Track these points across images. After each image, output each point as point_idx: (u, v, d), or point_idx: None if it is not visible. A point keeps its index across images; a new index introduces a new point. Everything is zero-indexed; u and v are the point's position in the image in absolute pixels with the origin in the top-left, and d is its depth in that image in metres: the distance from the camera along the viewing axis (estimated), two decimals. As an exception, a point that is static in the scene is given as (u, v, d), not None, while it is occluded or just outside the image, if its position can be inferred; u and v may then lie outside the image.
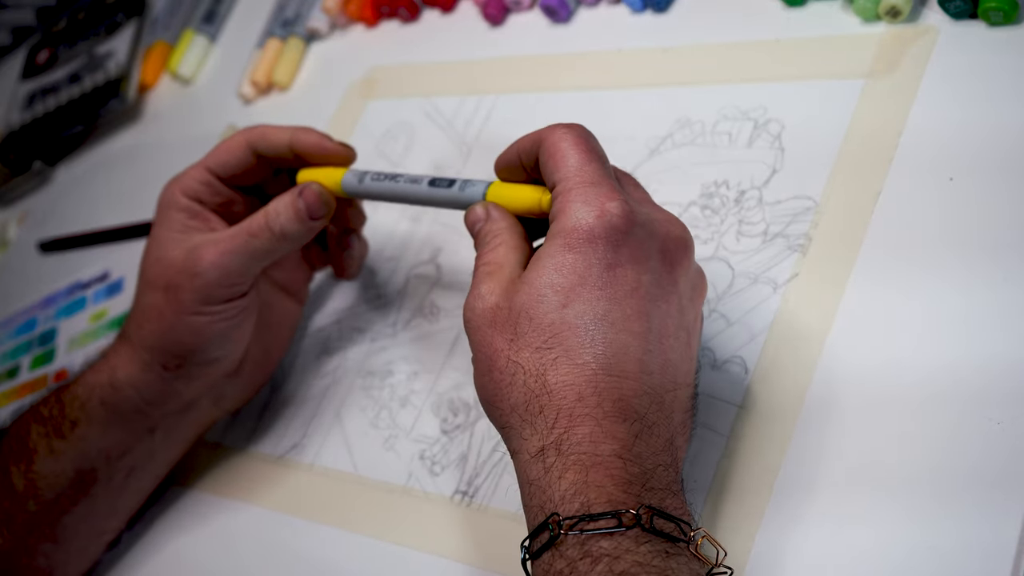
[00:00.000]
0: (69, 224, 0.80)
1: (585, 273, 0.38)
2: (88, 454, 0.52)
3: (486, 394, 0.40)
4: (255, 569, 0.53)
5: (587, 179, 0.40)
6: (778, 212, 0.48)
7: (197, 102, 0.80)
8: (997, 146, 0.45)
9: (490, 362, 0.39)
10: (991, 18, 0.48)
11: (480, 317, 0.40)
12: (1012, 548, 0.36)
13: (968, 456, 0.39)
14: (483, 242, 0.43)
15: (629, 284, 0.39)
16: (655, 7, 0.59)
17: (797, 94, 0.51)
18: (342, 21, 0.74)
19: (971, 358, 0.41)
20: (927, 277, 0.43)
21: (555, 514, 0.35)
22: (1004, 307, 0.41)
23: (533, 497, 0.37)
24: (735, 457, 0.43)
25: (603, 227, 0.39)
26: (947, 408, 0.40)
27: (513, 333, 0.39)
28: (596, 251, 0.39)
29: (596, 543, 0.35)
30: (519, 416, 0.38)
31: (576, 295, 0.38)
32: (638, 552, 0.34)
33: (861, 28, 0.52)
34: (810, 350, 0.44)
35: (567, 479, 0.36)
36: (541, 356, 0.38)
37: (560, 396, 0.37)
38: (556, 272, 0.39)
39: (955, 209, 0.44)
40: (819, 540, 0.40)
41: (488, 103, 0.62)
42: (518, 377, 0.38)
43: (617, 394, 0.37)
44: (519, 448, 0.38)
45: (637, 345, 0.38)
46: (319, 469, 0.54)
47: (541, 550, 0.35)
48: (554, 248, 0.39)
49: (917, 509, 0.39)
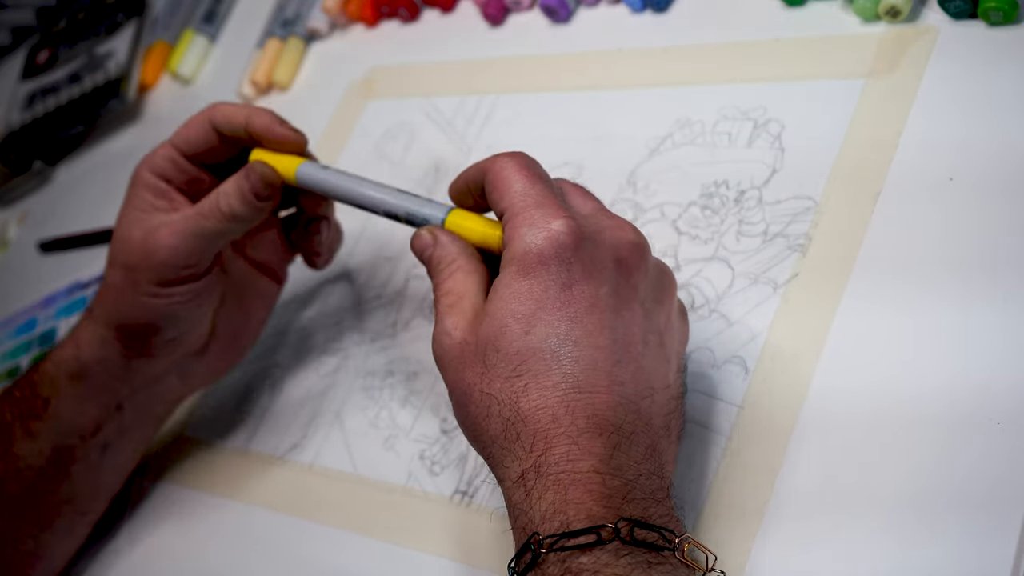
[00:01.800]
0: (69, 224, 0.80)
1: (542, 297, 0.39)
2: (63, 432, 0.52)
3: (467, 428, 0.40)
4: (255, 569, 0.52)
5: (532, 202, 0.40)
6: (778, 212, 0.48)
7: (197, 102, 0.79)
8: (997, 146, 0.45)
9: (465, 397, 0.39)
10: (991, 18, 0.48)
11: (449, 354, 0.40)
12: (1008, 567, 0.36)
13: (970, 457, 0.39)
14: (437, 270, 0.43)
15: (587, 300, 0.39)
16: (655, 7, 0.59)
17: (797, 94, 0.51)
18: (342, 21, 0.73)
19: (969, 360, 0.41)
20: (927, 278, 0.43)
21: (535, 534, 0.35)
22: (1004, 306, 0.41)
23: (517, 520, 0.37)
24: (735, 457, 0.43)
25: (552, 247, 0.39)
26: (949, 408, 0.40)
27: (483, 366, 0.39)
28: (549, 273, 0.39)
29: (576, 560, 0.35)
30: (499, 446, 0.38)
31: (537, 320, 0.38)
32: (618, 565, 0.34)
33: (861, 28, 0.51)
34: (810, 350, 0.44)
35: (546, 499, 0.36)
36: (511, 385, 0.38)
37: (534, 421, 0.37)
38: (515, 300, 0.39)
39: (955, 209, 0.44)
40: (820, 539, 0.40)
41: (488, 103, 0.62)
42: (493, 409, 0.38)
43: (590, 410, 0.37)
44: (503, 476, 0.38)
45: (604, 358, 0.38)
46: (319, 469, 0.54)
47: (525, 570, 0.36)
48: (509, 276, 0.39)
49: (916, 516, 0.38)
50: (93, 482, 0.54)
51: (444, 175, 0.60)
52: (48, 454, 0.52)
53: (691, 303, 0.48)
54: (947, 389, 0.40)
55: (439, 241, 0.43)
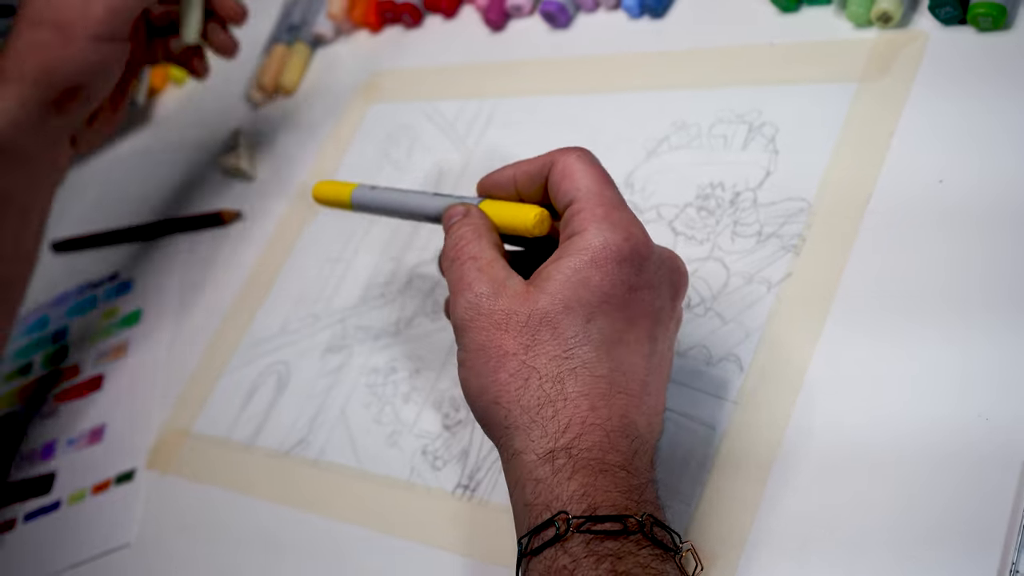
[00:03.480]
0: (80, 224, 0.80)
1: (610, 292, 0.39)
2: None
3: (490, 393, 0.39)
4: (261, 562, 0.52)
5: (609, 202, 0.40)
6: (772, 213, 0.48)
7: (204, 106, 0.80)
8: (987, 148, 0.45)
9: (498, 362, 0.39)
10: (980, 23, 0.48)
11: (487, 318, 0.40)
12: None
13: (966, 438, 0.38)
14: (460, 234, 0.43)
15: (644, 307, 0.40)
16: (652, 13, 0.59)
17: (791, 97, 0.51)
18: (347, 27, 0.73)
19: (965, 363, 0.41)
20: (918, 277, 0.43)
21: (563, 512, 0.36)
22: (992, 305, 0.41)
23: (539, 496, 0.37)
24: (730, 452, 0.43)
25: (630, 250, 0.39)
26: (940, 402, 0.40)
27: (531, 339, 0.39)
28: (622, 272, 0.39)
29: (601, 543, 0.35)
30: (530, 417, 0.38)
31: (600, 312, 0.39)
32: (639, 555, 0.35)
33: (853, 33, 0.51)
34: (804, 348, 0.44)
35: (576, 481, 0.36)
36: (559, 365, 0.38)
37: (575, 404, 0.38)
38: (583, 287, 0.39)
39: (946, 211, 0.44)
40: (815, 533, 0.40)
41: (489, 107, 0.62)
42: (532, 381, 0.38)
43: (623, 410, 0.38)
44: (523, 448, 0.38)
45: (642, 367, 0.39)
46: (324, 464, 0.54)
47: (543, 546, 0.36)
48: (580, 263, 0.39)
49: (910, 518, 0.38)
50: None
51: (446, 177, 0.60)
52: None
53: (687, 302, 0.48)
54: (938, 379, 0.40)
55: (471, 213, 0.44)
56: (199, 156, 0.75)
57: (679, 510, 0.43)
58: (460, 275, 0.41)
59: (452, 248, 0.42)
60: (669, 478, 0.44)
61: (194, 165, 0.76)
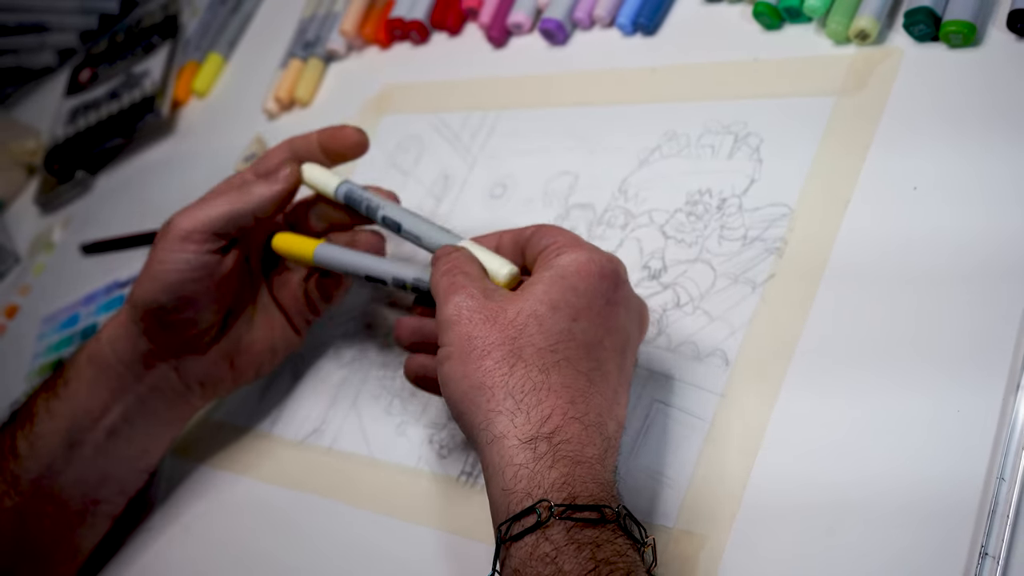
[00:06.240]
0: (108, 228, 0.80)
1: (593, 299, 0.40)
2: (76, 413, 0.51)
3: (474, 378, 0.39)
4: (277, 543, 0.53)
5: (585, 241, 0.43)
6: (757, 218, 0.48)
7: (225, 117, 0.80)
8: (957, 157, 0.45)
9: (484, 351, 0.39)
10: (952, 40, 0.48)
11: (476, 313, 0.40)
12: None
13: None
14: (454, 257, 0.44)
15: (619, 322, 0.41)
16: (644, 30, 0.59)
17: (774, 110, 0.51)
18: (358, 43, 0.74)
19: (937, 340, 0.41)
20: (895, 276, 0.43)
21: (545, 500, 0.35)
22: (969, 299, 0.41)
23: (519, 481, 0.36)
24: (717, 442, 0.43)
25: (611, 269, 0.42)
26: (920, 393, 0.40)
27: (518, 332, 0.39)
28: (602, 286, 0.41)
29: (581, 531, 0.35)
30: (515, 401, 0.38)
31: (583, 314, 0.40)
32: (616, 543, 0.35)
33: (833, 50, 0.51)
34: (786, 345, 0.44)
35: (557, 470, 0.36)
36: (544, 357, 0.39)
37: (558, 394, 0.38)
38: (569, 291, 0.40)
39: (919, 215, 0.44)
40: (797, 518, 0.40)
41: (492, 118, 0.62)
42: (518, 368, 0.38)
43: (599, 409, 0.39)
44: (506, 432, 0.37)
45: (615, 375, 0.41)
46: (337, 452, 0.54)
47: (524, 533, 0.35)
48: (566, 272, 0.41)
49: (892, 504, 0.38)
50: (100, 468, 0.53)
51: (451, 183, 0.61)
52: (62, 433, 0.51)
53: (677, 301, 0.48)
54: (923, 383, 0.41)
55: (462, 249, 0.45)
56: (219, 164, 0.76)
57: (670, 496, 0.43)
58: (451, 283, 0.42)
59: (445, 268, 0.43)
60: (660, 465, 0.44)
61: (214, 172, 0.76)
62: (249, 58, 0.83)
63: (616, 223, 0.52)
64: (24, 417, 0.52)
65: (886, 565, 0.37)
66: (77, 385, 0.52)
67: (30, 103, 1.00)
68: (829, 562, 0.38)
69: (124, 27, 0.93)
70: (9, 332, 0.81)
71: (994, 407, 0.38)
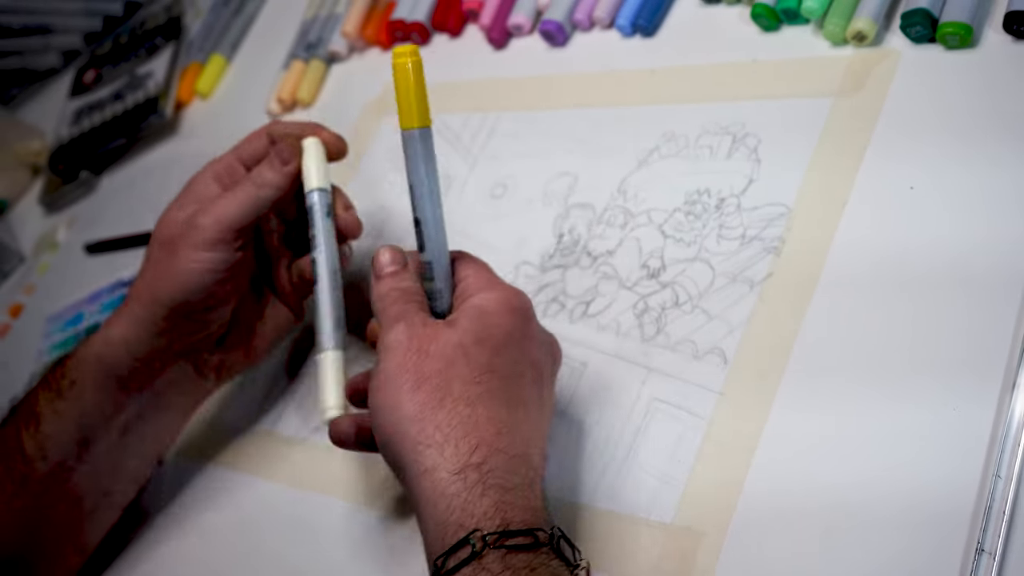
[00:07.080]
0: (113, 228, 0.80)
1: (510, 333, 0.42)
2: (86, 412, 0.51)
3: (406, 409, 0.39)
4: (279, 539, 0.52)
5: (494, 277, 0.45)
6: (755, 218, 0.48)
7: (228, 118, 0.80)
8: (954, 157, 0.45)
9: (416, 383, 0.39)
10: (948, 42, 0.48)
11: (415, 341, 0.41)
12: None
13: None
14: (402, 277, 0.45)
15: (535, 356, 0.42)
16: (643, 32, 0.59)
17: (772, 111, 0.51)
18: (360, 45, 0.73)
19: (938, 354, 0.41)
20: (892, 277, 0.43)
21: (477, 530, 0.36)
22: (961, 301, 0.41)
23: (452, 513, 0.37)
24: (715, 440, 0.43)
25: (520, 304, 0.43)
26: (920, 394, 0.40)
27: (447, 364, 0.40)
28: (516, 319, 0.42)
29: (515, 556, 0.35)
30: (443, 435, 0.38)
31: (504, 348, 0.41)
32: (551, 566, 0.36)
33: (830, 51, 0.51)
34: (784, 343, 0.44)
35: (488, 498, 0.37)
36: (469, 389, 0.39)
37: (484, 427, 0.38)
38: (491, 326, 0.41)
39: (915, 214, 0.44)
40: (795, 513, 0.40)
41: (492, 119, 0.62)
42: (447, 401, 0.39)
43: (524, 440, 0.39)
44: (436, 465, 0.38)
45: (536, 407, 0.41)
46: (338, 450, 0.54)
47: (460, 565, 0.35)
48: (484, 308, 0.42)
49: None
50: (113, 463, 0.53)
51: (452, 183, 0.60)
52: (73, 433, 0.51)
53: (675, 299, 0.48)
54: (925, 385, 0.40)
55: (408, 267, 0.45)
56: (223, 164, 0.75)
57: (668, 492, 0.43)
58: (401, 311, 0.43)
59: (396, 295, 0.44)
60: (658, 462, 0.44)
61: (218, 173, 0.76)
62: (252, 59, 0.83)
63: (615, 223, 0.52)
64: (27, 417, 0.52)
65: (883, 561, 0.37)
66: (84, 386, 0.51)
67: (35, 104, 1.00)
68: (826, 558, 0.38)
69: (128, 29, 0.93)
70: (14, 331, 0.81)
71: (990, 404, 0.38)
